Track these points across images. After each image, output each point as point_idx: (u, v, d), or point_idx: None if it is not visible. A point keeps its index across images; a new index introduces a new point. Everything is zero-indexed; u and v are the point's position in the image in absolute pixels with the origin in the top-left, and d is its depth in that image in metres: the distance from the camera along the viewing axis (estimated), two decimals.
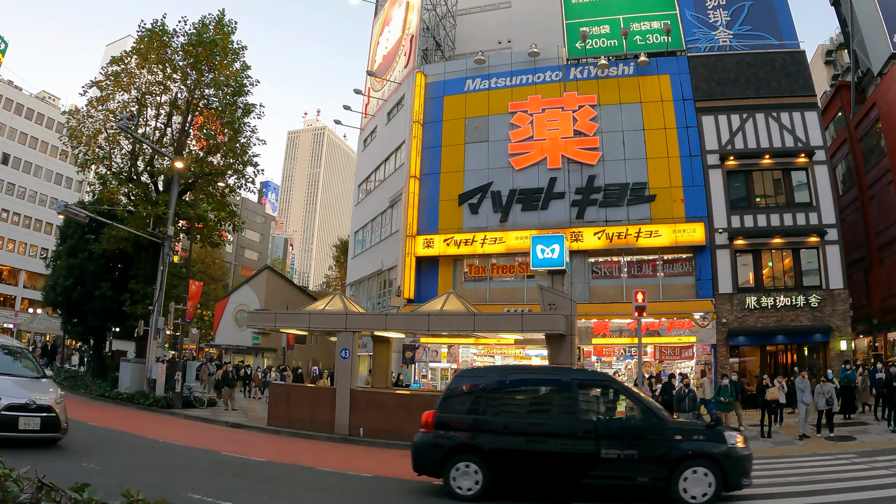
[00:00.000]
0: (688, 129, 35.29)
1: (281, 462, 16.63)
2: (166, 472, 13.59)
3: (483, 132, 38.18)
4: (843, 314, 31.84)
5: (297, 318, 26.48)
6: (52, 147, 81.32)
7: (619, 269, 35.27)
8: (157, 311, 30.86)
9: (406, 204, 37.63)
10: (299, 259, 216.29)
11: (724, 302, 32.86)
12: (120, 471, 13.11)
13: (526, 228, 35.19)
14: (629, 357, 33.79)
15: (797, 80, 35.31)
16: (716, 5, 37.82)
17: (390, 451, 20.24)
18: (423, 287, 36.89)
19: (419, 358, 35.99)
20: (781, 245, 33.43)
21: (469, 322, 22.92)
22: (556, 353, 22.21)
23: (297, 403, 24.59)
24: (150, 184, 34.48)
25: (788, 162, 34.03)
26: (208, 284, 70.42)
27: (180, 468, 14.39)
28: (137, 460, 15.07)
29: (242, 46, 35.09)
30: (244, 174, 35.47)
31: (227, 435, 22.69)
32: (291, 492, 12.78)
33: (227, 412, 29.18)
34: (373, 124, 48.56)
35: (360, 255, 47.39)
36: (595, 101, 36.72)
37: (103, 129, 33.21)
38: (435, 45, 44.51)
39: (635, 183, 35.07)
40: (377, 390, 25.22)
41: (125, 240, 32.60)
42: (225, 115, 34.01)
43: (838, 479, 14.84)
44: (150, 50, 33.12)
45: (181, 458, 16.26)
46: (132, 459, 15.11)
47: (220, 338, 66.19)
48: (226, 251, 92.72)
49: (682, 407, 21.17)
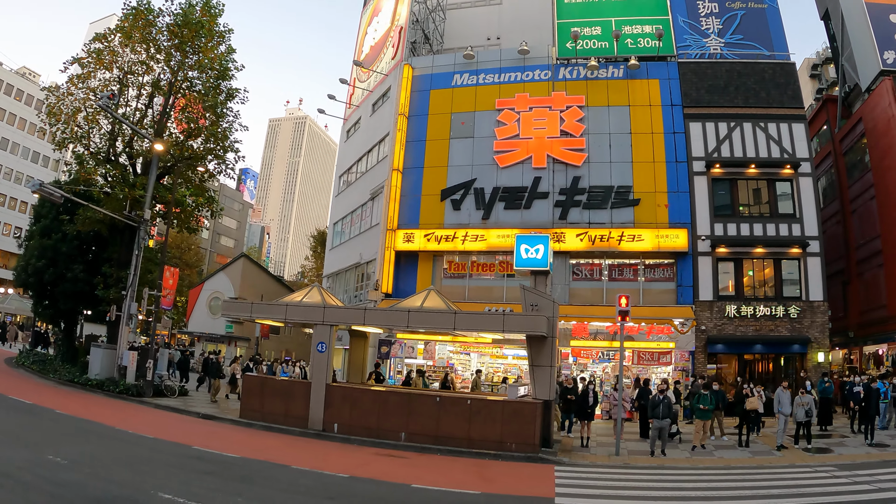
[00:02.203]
0: (675, 135, 35.16)
1: (254, 459, 16.28)
2: (136, 467, 13.18)
3: (469, 128, 37.84)
4: (822, 326, 31.83)
5: (273, 309, 26.05)
6: (31, 124, 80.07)
7: (601, 271, 35.04)
8: (131, 297, 30.34)
9: (387, 197, 37.19)
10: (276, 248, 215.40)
11: (704, 309, 32.74)
12: (87, 466, 12.72)
13: (508, 227, 34.90)
14: (606, 360, 33.64)
15: (786, 92, 35.30)
16: (708, 13, 37.77)
17: (365, 450, 19.95)
18: (401, 282, 36.49)
19: (395, 353, 35.57)
20: (763, 255, 33.36)
21: (450, 320, 22.61)
22: (537, 354, 22.00)
23: (271, 396, 24.23)
24: (129, 166, 33.88)
25: (774, 172, 33.98)
26: (183, 270, 69.76)
27: (150, 463, 13.99)
28: (106, 453, 14.67)
29: (229, 29, 34.60)
30: (224, 160, 34.98)
31: (199, 427, 22.30)
32: (265, 493, 12.39)
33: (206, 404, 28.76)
34: (357, 115, 48.05)
35: (338, 246, 46.88)
36: (583, 102, 36.50)
37: (83, 107, 32.62)
38: (423, 39, 44.11)
39: (620, 186, 34.88)
40: (353, 386, 24.92)
41: (100, 222, 32.06)
42: (207, 98, 33.53)
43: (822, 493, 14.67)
44: (134, 29, 32.55)
45: (151, 451, 15.88)
46: (100, 452, 14.72)
47: (193, 325, 65.51)
48: (202, 237, 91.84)
49: (656, 413, 20.94)
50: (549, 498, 13.96)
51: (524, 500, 14.12)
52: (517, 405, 21.08)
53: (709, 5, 38.00)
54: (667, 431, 21.30)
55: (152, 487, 11.28)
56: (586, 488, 15.44)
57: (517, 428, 20.42)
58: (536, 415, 20.49)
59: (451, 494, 13.85)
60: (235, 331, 60.20)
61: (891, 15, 36.19)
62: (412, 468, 17.34)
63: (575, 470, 18.22)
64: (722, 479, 16.81)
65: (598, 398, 25.61)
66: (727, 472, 18.20)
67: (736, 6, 37.78)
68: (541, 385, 21.83)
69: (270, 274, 78.77)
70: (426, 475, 16.13)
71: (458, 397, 22.68)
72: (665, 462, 19.70)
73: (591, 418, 23.86)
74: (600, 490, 15.28)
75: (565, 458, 19.91)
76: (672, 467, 18.87)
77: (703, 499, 14.51)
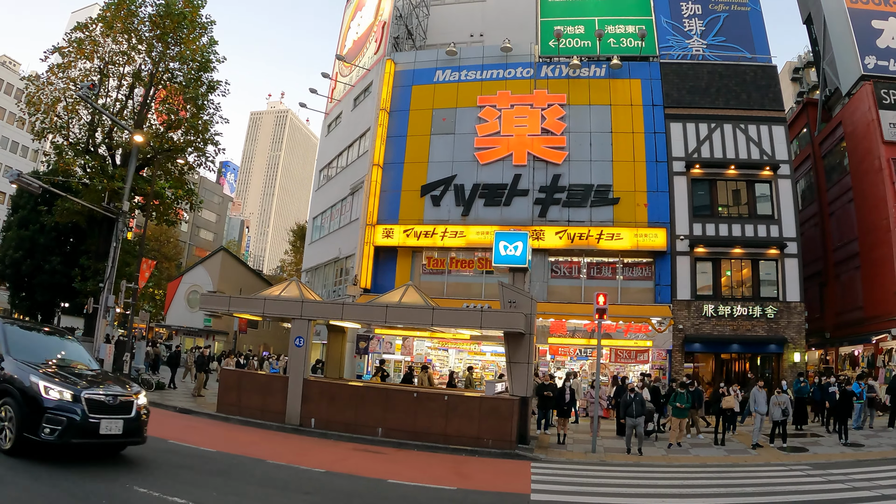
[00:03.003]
0: (655, 135, 35.30)
1: (230, 453, 16.14)
2: (110, 461, 13.02)
3: (450, 124, 37.79)
4: (798, 327, 32.10)
5: (251, 302, 25.85)
6: (10, 114, 79.28)
7: (579, 269, 35.13)
8: (108, 289, 30.05)
9: (367, 192, 37.08)
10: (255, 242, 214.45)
11: (681, 308, 32.91)
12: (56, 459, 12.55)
13: (488, 224, 34.90)
14: (583, 357, 33.73)
15: (767, 94, 35.52)
16: (691, 14, 37.92)
17: (342, 445, 19.86)
18: (380, 277, 36.43)
19: (373, 349, 35.49)
20: (741, 255, 33.57)
21: (428, 316, 22.54)
22: (515, 351, 21.97)
23: (249, 391, 24.07)
24: (108, 157, 33.65)
25: (753, 174, 34.18)
26: (162, 263, 69.35)
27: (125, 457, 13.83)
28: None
29: (211, 21, 34.52)
30: (205, 152, 34.85)
31: (176, 421, 22.08)
32: (242, 487, 12.27)
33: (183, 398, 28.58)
34: (338, 109, 47.88)
35: (317, 241, 46.71)
36: (565, 101, 36.56)
37: (63, 97, 32.38)
38: (407, 34, 44.00)
39: (600, 185, 34.98)
40: (331, 381, 24.76)
41: (79, 213, 31.84)
42: (189, 90, 33.34)
43: (797, 492, 14.76)
44: (116, 18, 32.32)
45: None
46: None
47: (171, 318, 65.10)
48: (181, 230, 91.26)
49: (631, 412, 21.00)
50: (526, 494, 13.96)
51: (500, 496, 14.10)
52: (494, 402, 21.06)
53: (692, 7, 38.16)
54: (642, 429, 21.36)
55: (127, 481, 11.15)
56: (562, 485, 15.43)
57: (494, 424, 20.40)
58: (513, 411, 20.48)
59: (428, 490, 13.81)
60: (213, 325, 60.01)
61: (873, 20, 36.41)
62: (389, 463, 17.28)
63: (551, 466, 18.22)
64: (697, 477, 16.88)
65: (575, 395, 25.66)
66: (703, 469, 18.28)
67: (719, 8, 37.96)
68: (518, 382, 21.83)
69: (249, 268, 78.55)
70: (403, 471, 16.09)
71: (436, 393, 22.62)
72: (641, 460, 19.75)
73: (567, 415, 23.93)
74: (576, 487, 15.29)
75: (542, 454, 19.92)
76: (648, 465, 18.93)
77: (678, 496, 14.55)
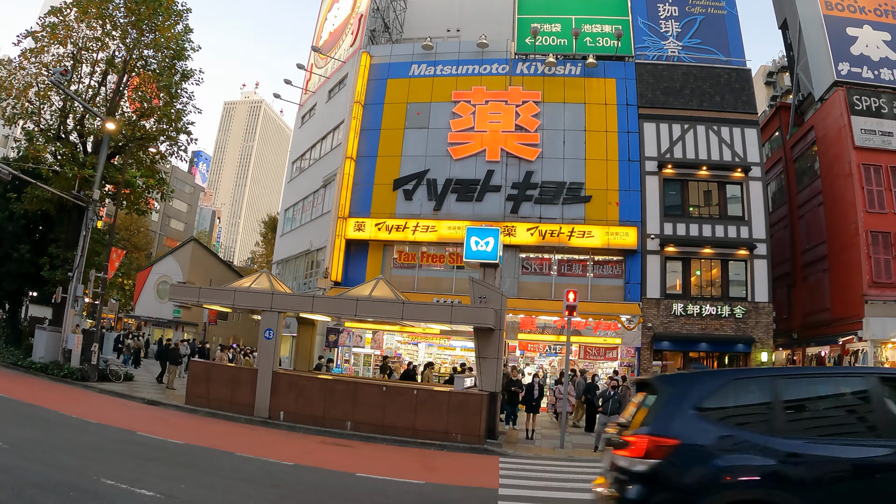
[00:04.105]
0: (629, 134, 35.49)
1: (199, 445, 15.97)
2: (79, 452, 12.85)
3: (424, 118, 37.71)
4: (766, 327, 32.44)
5: (221, 294, 25.66)
6: None
7: (550, 266, 35.23)
8: (77, 278, 29.64)
9: (340, 185, 36.92)
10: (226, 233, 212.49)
11: (650, 306, 33.12)
12: (28, 450, 12.38)
13: (459, 219, 34.90)
14: (553, 354, 33.87)
15: (740, 97, 35.83)
16: (668, 16, 38.16)
17: (311, 438, 19.76)
18: (351, 270, 36.29)
19: (343, 342, 35.36)
20: (711, 255, 33.84)
21: (398, 310, 22.52)
22: (484, 346, 21.99)
23: (218, 383, 23.85)
24: (79, 144, 33.15)
25: (724, 175, 34.47)
26: (131, 253, 68.68)
27: (94, 449, 13.64)
28: (48, 438, 14.29)
29: (187, 9, 34.14)
30: (177, 141, 34.40)
31: (144, 413, 21.83)
32: (210, 480, 12.12)
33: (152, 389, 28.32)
34: (313, 101, 47.62)
35: (288, 233, 46.46)
36: (539, 98, 36.63)
37: (35, 82, 31.85)
38: (383, 27, 43.85)
39: (572, 182, 35.09)
40: (300, 373, 24.67)
41: (48, 201, 31.40)
42: (162, 78, 32.93)
43: None
44: (91, 3, 31.82)
45: (95, 437, 15.47)
46: (43, 437, 14.33)
47: (140, 309, 64.37)
48: (151, 220, 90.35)
49: (606, 409, 21.08)
50: (493, 489, 13.95)
51: (468, 490, 14.09)
52: (463, 396, 21.06)
53: (669, 8, 38.40)
54: None
55: (95, 473, 11.00)
56: (530, 479, 15.45)
57: (463, 419, 20.39)
58: (482, 406, 20.48)
59: (397, 484, 13.77)
60: (183, 316, 59.44)
61: (847, 28, 36.82)
62: (358, 457, 17.21)
63: (519, 461, 18.24)
64: None
65: (543, 391, 25.77)
66: None
67: (696, 11, 38.24)
68: (487, 377, 21.85)
69: (220, 259, 77.99)
70: (372, 464, 16.01)
71: (405, 387, 22.59)
72: None
73: (536, 411, 24.02)
74: (544, 482, 15.30)
75: (510, 449, 19.94)
76: None
77: None
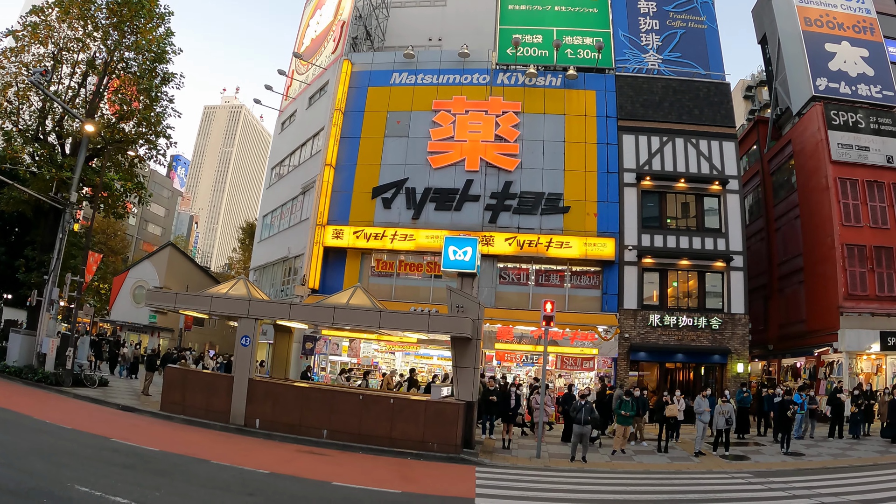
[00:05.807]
0: (608, 146, 35.61)
1: (174, 452, 15.86)
2: (53, 459, 12.70)
3: (404, 127, 37.66)
4: (742, 338, 32.61)
5: (198, 300, 25.40)
6: None
7: (528, 276, 35.23)
8: (53, 282, 29.37)
9: (319, 192, 36.76)
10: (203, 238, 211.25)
11: (627, 317, 33.20)
12: (1, 455, 12.22)
13: (438, 228, 34.83)
14: (530, 364, 33.84)
15: (719, 111, 36.09)
16: (649, 29, 38.43)
17: (286, 446, 19.66)
18: (328, 278, 36.11)
19: (319, 350, 35.17)
20: (688, 267, 34.01)
21: (375, 318, 22.43)
22: (461, 355, 21.95)
23: (193, 390, 23.65)
24: (58, 145, 32.93)
25: (702, 188, 34.68)
26: (108, 257, 68.07)
27: (68, 455, 13.50)
28: (22, 444, 14.13)
29: (169, 12, 34.08)
30: (156, 145, 34.27)
31: (119, 419, 21.66)
32: (185, 488, 12.04)
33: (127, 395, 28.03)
34: (293, 107, 47.45)
35: (266, 239, 46.20)
36: (519, 109, 36.69)
37: (14, 82, 31.66)
38: (365, 35, 43.79)
39: (551, 193, 35.15)
40: (276, 381, 24.47)
41: (25, 203, 31.19)
42: (143, 81, 32.82)
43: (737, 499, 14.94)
44: (73, 4, 31.72)
45: (69, 443, 15.31)
46: (17, 442, 14.18)
47: (115, 314, 63.71)
48: (129, 223, 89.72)
49: (578, 419, 21.06)
50: (470, 498, 13.92)
51: (445, 499, 14.04)
52: (440, 405, 21.00)
53: (650, 22, 38.68)
54: (588, 437, 21.47)
55: (69, 480, 10.88)
56: (506, 489, 15.42)
57: (439, 428, 20.34)
58: (459, 416, 20.44)
59: (373, 493, 13.70)
60: (159, 321, 59.08)
61: (826, 44, 37.31)
62: (334, 466, 17.12)
63: (495, 471, 18.21)
64: (640, 484, 16.99)
65: (520, 401, 25.73)
66: (646, 476, 18.44)
67: (676, 24, 38.56)
68: (464, 386, 21.80)
69: (197, 264, 77.44)
70: (348, 473, 15.93)
71: (381, 396, 22.48)
72: (585, 466, 19.85)
73: (513, 420, 23.99)
74: (520, 492, 15.27)
75: (486, 459, 19.89)
76: (592, 470, 19.03)
77: (621, 502, 14.63)
